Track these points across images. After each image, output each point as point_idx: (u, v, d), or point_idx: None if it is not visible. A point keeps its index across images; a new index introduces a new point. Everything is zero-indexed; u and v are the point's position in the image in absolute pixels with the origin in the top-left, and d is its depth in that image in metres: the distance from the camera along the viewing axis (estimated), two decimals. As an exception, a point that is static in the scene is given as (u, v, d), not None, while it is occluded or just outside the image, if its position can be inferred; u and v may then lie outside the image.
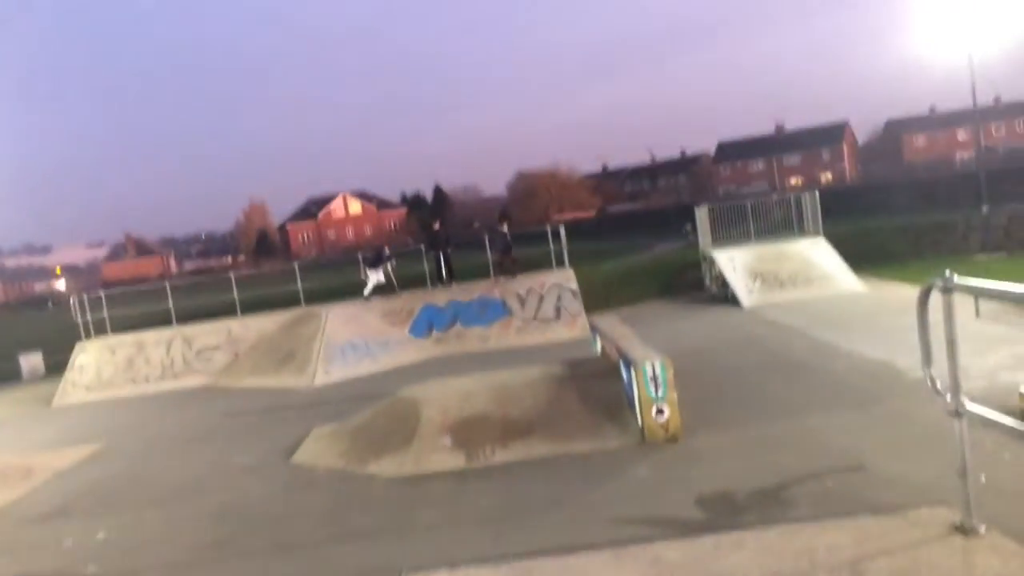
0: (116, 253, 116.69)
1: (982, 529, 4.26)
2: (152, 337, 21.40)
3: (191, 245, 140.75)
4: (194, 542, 8.42)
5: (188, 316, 22.87)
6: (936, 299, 4.29)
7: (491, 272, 21.79)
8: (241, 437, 13.42)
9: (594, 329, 14.45)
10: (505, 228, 22.18)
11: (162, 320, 22.52)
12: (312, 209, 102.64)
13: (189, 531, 8.81)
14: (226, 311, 22.43)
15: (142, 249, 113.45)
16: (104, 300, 22.38)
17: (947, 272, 4.18)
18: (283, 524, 8.65)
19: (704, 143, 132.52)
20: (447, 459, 9.87)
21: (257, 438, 13.06)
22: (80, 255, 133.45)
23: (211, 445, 13.20)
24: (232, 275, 23.80)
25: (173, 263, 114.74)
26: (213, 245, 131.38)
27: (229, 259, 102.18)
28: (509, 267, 21.71)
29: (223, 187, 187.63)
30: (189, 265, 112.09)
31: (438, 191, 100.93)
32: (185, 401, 18.17)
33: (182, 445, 13.62)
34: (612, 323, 13.77)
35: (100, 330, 21.98)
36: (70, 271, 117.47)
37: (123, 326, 22.53)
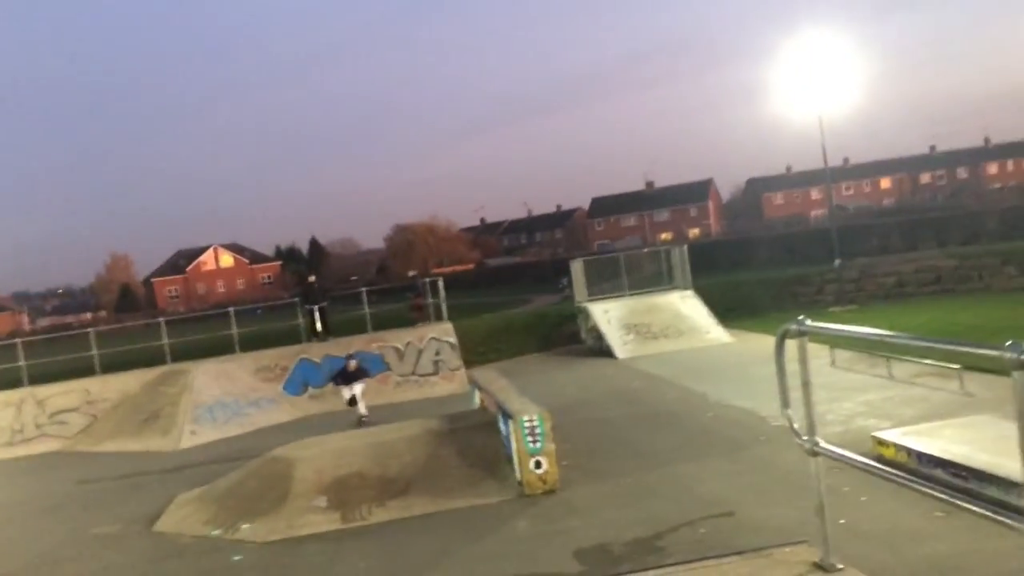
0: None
1: (840, 566, 4.46)
2: None
3: (47, 300, 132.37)
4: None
5: (42, 376, 21.37)
6: (793, 347, 4.53)
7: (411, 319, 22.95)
8: (99, 505, 12.59)
9: (473, 383, 14.47)
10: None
11: (12, 381, 20.99)
12: (180, 263, 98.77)
13: (38, 610, 8.16)
14: (84, 370, 21.10)
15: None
16: (-54, 361, 20.68)
17: (800, 317, 4.43)
18: (144, 597, 8.14)
19: (579, 198, 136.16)
20: (322, 520, 9.59)
21: (117, 506, 12.30)
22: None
23: (66, 515, 12.32)
24: (91, 331, 22.40)
25: (26, 319, 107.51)
26: (71, 301, 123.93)
27: (89, 315, 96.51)
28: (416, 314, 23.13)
29: (83, 240, 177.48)
30: (44, 322, 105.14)
31: (314, 244, 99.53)
32: (37, 468, 16.94)
33: (34, 516, 12.64)
34: (490, 376, 13.82)
35: (-60, 393, 20.24)
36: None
37: (-33, 389, 20.85)
